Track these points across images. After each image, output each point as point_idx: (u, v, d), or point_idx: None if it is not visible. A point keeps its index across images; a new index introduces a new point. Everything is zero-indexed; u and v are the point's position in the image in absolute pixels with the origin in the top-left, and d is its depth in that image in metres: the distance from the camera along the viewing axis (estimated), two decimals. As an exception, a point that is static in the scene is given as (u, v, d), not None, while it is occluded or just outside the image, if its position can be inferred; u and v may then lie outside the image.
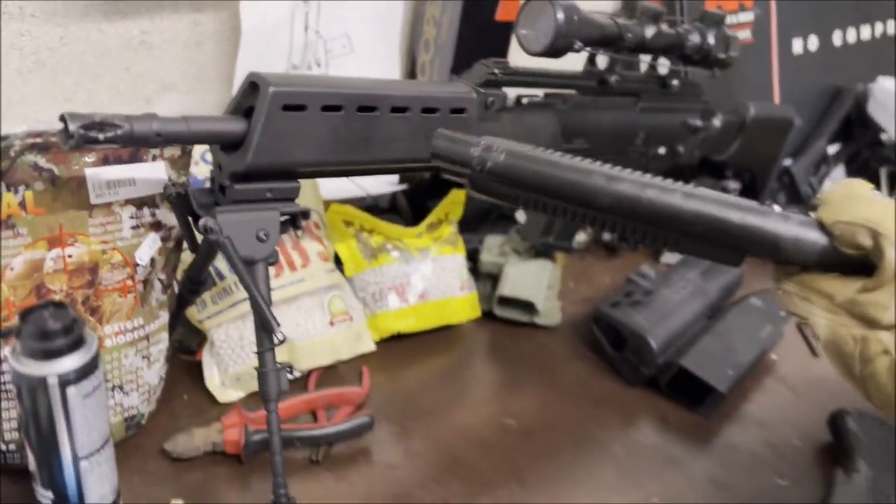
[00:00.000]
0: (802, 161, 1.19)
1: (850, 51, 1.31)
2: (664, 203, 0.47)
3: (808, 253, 0.45)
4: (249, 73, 0.54)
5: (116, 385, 0.61)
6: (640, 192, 0.47)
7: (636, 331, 0.76)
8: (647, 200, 0.47)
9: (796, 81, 1.23)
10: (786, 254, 0.45)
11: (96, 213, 0.57)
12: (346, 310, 0.75)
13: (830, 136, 1.24)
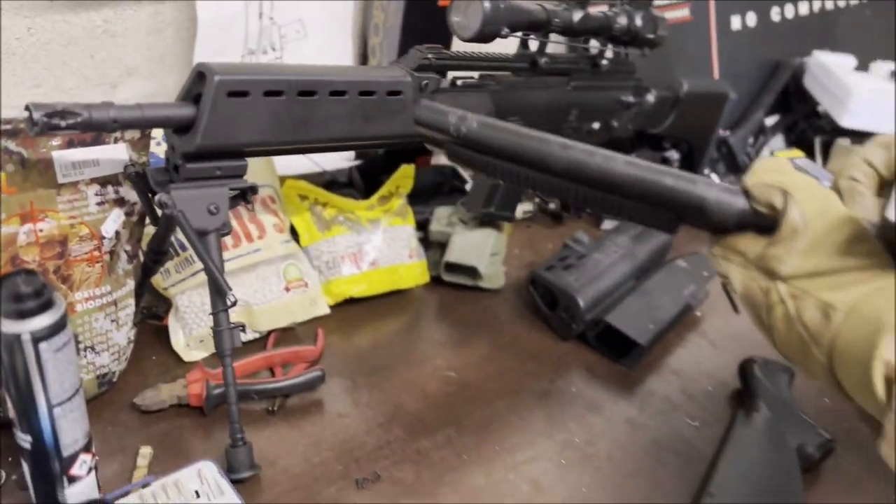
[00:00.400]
0: (740, 132, 1.26)
1: (788, 26, 1.37)
2: (609, 169, 0.53)
3: (729, 214, 0.49)
4: (197, 64, 0.60)
5: (88, 346, 0.68)
6: (588, 159, 0.54)
7: (566, 291, 0.84)
8: (594, 166, 0.53)
9: (735, 56, 1.30)
10: (710, 216, 0.50)
11: (64, 191, 0.63)
12: (300, 277, 0.82)
13: (767, 108, 1.31)
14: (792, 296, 0.46)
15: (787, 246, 0.46)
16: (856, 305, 0.42)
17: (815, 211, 0.46)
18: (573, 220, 1.11)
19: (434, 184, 1.03)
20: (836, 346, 0.43)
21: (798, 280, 0.46)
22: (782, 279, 0.46)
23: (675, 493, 0.67)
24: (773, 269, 0.47)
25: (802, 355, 0.46)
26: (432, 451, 0.69)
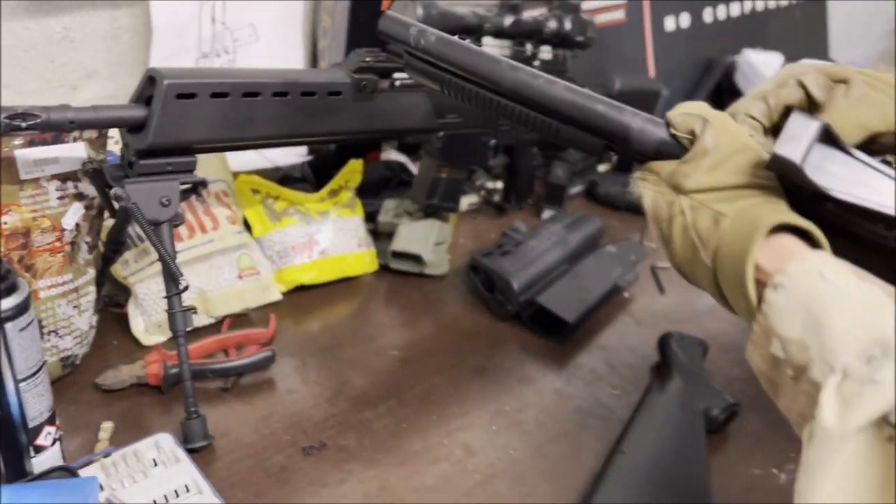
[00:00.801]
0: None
1: (721, 26, 1.46)
2: (549, 91, 0.57)
3: (650, 141, 0.54)
4: (148, 69, 0.66)
5: (52, 330, 0.73)
6: (532, 80, 0.58)
7: (502, 275, 0.91)
8: (536, 87, 0.58)
9: (669, 55, 1.38)
10: (633, 142, 0.54)
11: (26, 186, 0.68)
12: (252, 265, 0.87)
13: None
14: (692, 207, 0.50)
15: (695, 164, 0.50)
16: (741, 212, 0.48)
17: (725, 137, 0.51)
18: (516, 212, 1.17)
19: (383, 178, 1.10)
20: (720, 249, 0.48)
21: (699, 194, 0.50)
22: (686, 193, 0.50)
23: (594, 452, 0.74)
24: (680, 184, 0.51)
25: (692, 264, 0.51)
26: (374, 421, 0.76)
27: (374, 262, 0.98)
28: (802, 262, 0.45)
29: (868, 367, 0.39)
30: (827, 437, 0.39)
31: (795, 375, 0.43)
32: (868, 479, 0.39)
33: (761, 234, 0.46)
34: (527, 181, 1.13)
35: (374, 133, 0.84)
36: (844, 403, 0.39)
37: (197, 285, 0.83)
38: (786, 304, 0.44)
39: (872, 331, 0.40)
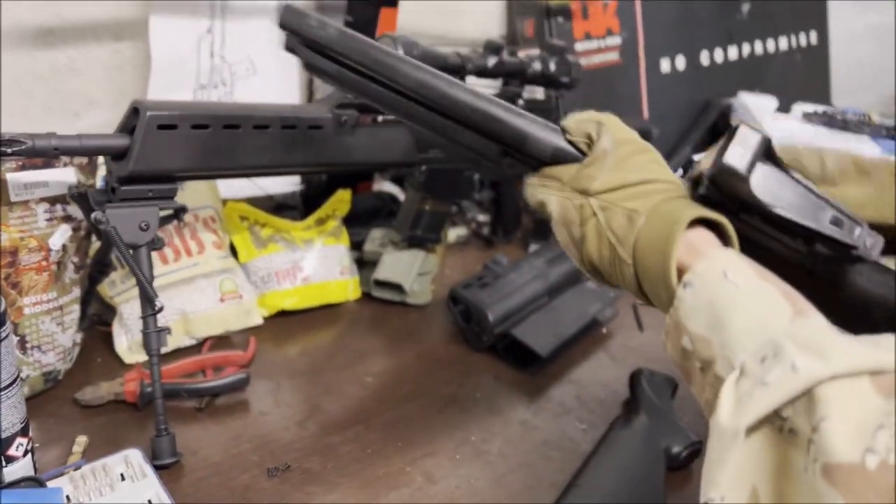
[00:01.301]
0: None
1: (718, 69, 1.48)
2: (449, 92, 0.57)
3: (547, 147, 0.56)
4: (133, 101, 0.69)
5: (35, 345, 0.76)
6: (433, 80, 0.57)
7: (478, 306, 0.93)
8: (437, 87, 0.58)
9: (664, 97, 1.40)
10: (530, 147, 0.56)
11: (15, 208, 0.72)
12: (235, 289, 0.90)
13: (695, 144, 1.41)
14: (602, 208, 0.52)
15: (598, 165, 0.53)
16: (654, 208, 0.50)
17: (621, 137, 0.54)
18: (504, 245, 1.20)
19: (373, 208, 1.13)
20: (639, 244, 0.50)
21: (607, 194, 0.52)
22: (594, 195, 0.53)
23: (555, 485, 0.75)
24: (586, 188, 0.53)
25: (611, 263, 0.53)
26: (340, 445, 0.77)
27: (356, 290, 1.01)
28: (709, 261, 0.47)
29: (761, 367, 0.41)
30: (722, 433, 0.42)
31: (703, 368, 0.46)
32: (762, 470, 0.42)
33: (680, 229, 0.48)
34: (513, 215, 1.15)
35: (355, 166, 0.87)
36: (738, 402, 0.41)
37: (179, 307, 0.86)
38: (693, 302, 0.47)
39: (767, 331, 0.43)
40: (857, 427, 0.38)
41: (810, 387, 0.39)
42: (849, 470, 0.37)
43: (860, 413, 0.38)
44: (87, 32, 0.96)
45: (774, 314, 0.44)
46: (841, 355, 0.40)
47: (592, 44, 1.29)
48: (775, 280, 0.46)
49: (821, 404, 0.39)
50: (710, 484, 0.43)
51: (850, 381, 0.39)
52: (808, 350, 0.40)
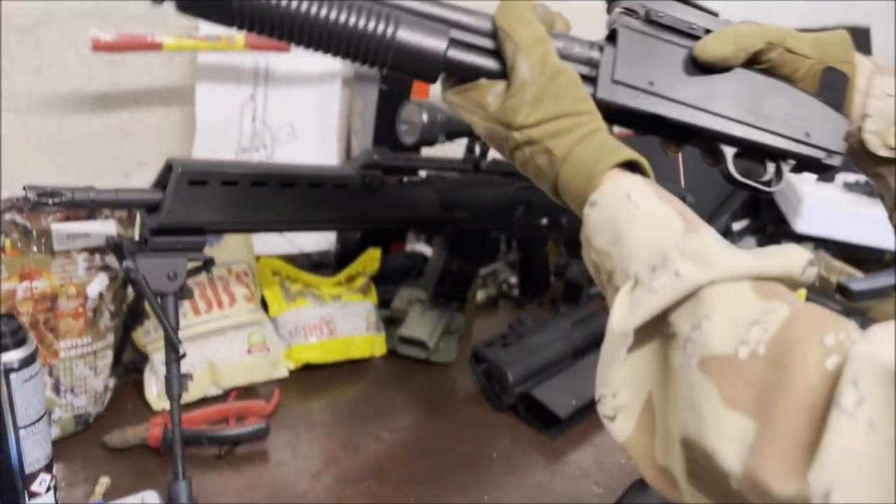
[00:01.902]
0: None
1: (757, 137, 1.48)
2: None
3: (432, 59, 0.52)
4: (168, 158, 0.74)
5: (68, 388, 0.80)
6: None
7: (499, 365, 0.93)
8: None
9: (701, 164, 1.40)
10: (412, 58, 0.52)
11: (58, 256, 0.77)
12: (263, 341, 0.93)
13: (734, 212, 1.40)
14: (526, 142, 0.53)
15: (518, 98, 0.53)
16: (568, 154, 0.52)
17: (537, 63, 0.53)
18: (533, 306, 1.20)
19: (403, 267, 1.15)
20: (560, 185, 0.53)
21: (528, 129, 0.53)
22: (516, 128, 0.53)
23: (565, 549, 0.74)
24: (510, 122, 0.53)
25: (537, 181, 0.56)
26: (352, 498, 0.78)
27: (382, 347, 1.02)
28: (614, 182, 0.50)
29: (652, 275, 0.45)
30: (613, 334, 0.45)
31: (608, 279, 0.50)
32: (654, 376, 0.46)
33: (597, 180, 0.51)
34: (542, 277, 1.16)
35: (379, 223, 0.90)
36: (630, 307, 0.45)
37: (208, 356, 0.89)
38: (597, 220, 0.50)
39: (659, 245, 0.46)
40: (734, 323, 0.41)
41: (691, 291, 0.43)
42: (723, 360, 0.40)
43: (739, 312, 0.41)
44: (139, 98, 1.03)
45: (667, 230, 0.47)
46: (723, 263, 0.43)
47: (626, 112, 1.31)
48: (674, 201, 0.49)
49: (704, 305, 0.42)
50: (602, 382, 0.47)
51: (732, 285, 0.43)
52: (692, 259, 0.44)
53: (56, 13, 0.95)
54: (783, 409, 0.37)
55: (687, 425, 0.42)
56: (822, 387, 0.36)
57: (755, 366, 0.39)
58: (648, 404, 0.46)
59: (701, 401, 0.41)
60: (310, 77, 1.10)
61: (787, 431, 0.36)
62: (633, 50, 0.59)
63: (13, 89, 0.96)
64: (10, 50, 0.94)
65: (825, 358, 0.37)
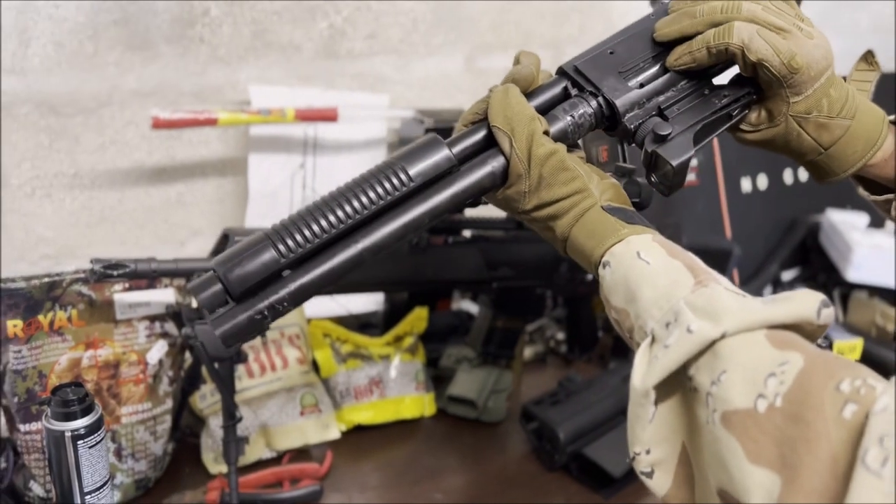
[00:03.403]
0: (754, 284, 1.33)
1: (803, 187, 1.46)
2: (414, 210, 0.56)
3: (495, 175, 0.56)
4: (224, 228, 0.78)
5: (129, 453, 0.82)
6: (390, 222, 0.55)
7: (549, 424, 0.93)
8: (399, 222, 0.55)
9: (747, 216, 1.39)
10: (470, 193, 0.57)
11: (120, 325, 0.80)
12: (315, 403, 0.95)
13: (782, 261, 1.39)
14: (531, 222, 0.58)
15: (516, 189, 0.56)
16: (568, 234, 0.55)
17: (525, 156, 0.55)
18: (582, 362, 1.20)
19: (450, 326, 1.16)
20: (570, 253, 0.56)
21: (529, 213, 0.57)
22: (521, 213, 0.58)
23: None
24: (513, 208, 0.58)
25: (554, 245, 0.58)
26: (407, 561, 0.78)
27: (432, 406, 1.03)
28: (625, 244, 0.52)
29: (666, 332, 0.46)
30: (635, 393, 0.46)
31: (629, 336, 0.51)
32: (686, 429, 0.46)
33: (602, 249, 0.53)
34: (590, 332, 1.16)
35: (427, 283, 0.92)
36: (648, 365, 0.46)
37: (262, 420, 0.91)
38: (612, 279, 0.52)
39: (671, 300, 0.47)
40: (751, 376, 0.42)
41: (705, 345, 0.44)
42: (743, 415, 0.41)
43: (755, 363, 0.42)
44: (195, 170, 1.08)
45: (678, 285, 0.48)
46: (734, 315, 0.44)
47: (667, 166, 1.32)
48: (684, 255, 0.51)
49: (720, 359, 0.43)
50: (633, 441, 0.48)
51: (747, 336, 0.44)
52: (703, 314, 0.45)
53: (117, 95, 1.01)
54: (806, 463, 0.37)
55: (719, 478, 0.42)
56: (842, 439, 0.37)
57: (774, 419, 0.40)
58: (683, 456, 0.47)
59: (727, 455, 0.41)
60: (356, 144, 1.14)
61: (811, 487, 0.37)
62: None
63: (79, 167, 1.01)
64: (77, 130, 1.00)
65: (842, 407, 0.38)
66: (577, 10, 1.33)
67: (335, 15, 1.13)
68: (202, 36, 1.04)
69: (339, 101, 1.08)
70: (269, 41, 1.09)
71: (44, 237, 1.02)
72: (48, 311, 0.77)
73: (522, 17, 1.30)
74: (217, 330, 0.55)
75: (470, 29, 1.25)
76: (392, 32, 1.18)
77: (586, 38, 1.37)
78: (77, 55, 0.98)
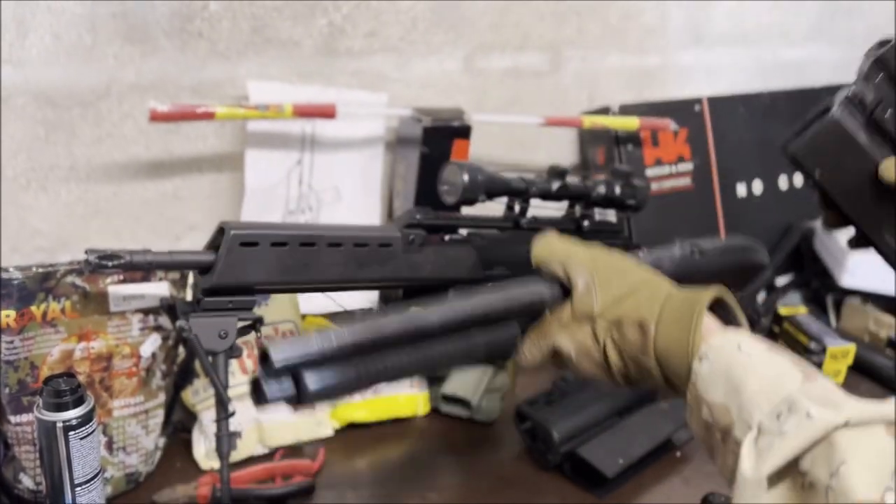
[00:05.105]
0: (749, 289, 1.34)
1: (799, 193, 1.47)
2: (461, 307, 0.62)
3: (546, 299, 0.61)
4: (220, 222, 0.77)
5: (121, 447, 0.82)
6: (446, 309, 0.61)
7: (543, 423, 0.92)
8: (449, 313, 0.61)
9: (742, 220, 1.40)
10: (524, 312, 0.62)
11: (114, 318, 0.80)
12: (309, 400, 0.94)
13: (776, 267, 1.39)
14: (613, 325, 0.57)
15: (586, 291, 0.58)
16: (659, 316, 0.54)
17: (586, 257, 0.60)
18: (576, 365, 1.20)
19: (445, 327, 1.16)
20: (658, 350, 0.54)
21: (610, 309, 0.57)
22: (599, 316, 0.57)
23: None
24: (588, 314, 0.58)
25: (638, 372, 0.57)
26: (399, 559, 0.78)
27: (426, 405, 1.03)
28: (723, 336, 0.52)
29: (777, 422, 0.45)
30: (746, 484, 0.44)
31: (723, 437, 0.49)
32: None
33: (701, 315, 0.52)
34: (584, 335, 1.16)
35: (422, 281, 0.91)
36: (759, 454, 0.45)
37: (255, 416, 0.91)
38: (709, 373, 0.51)
39: (780, 392, 0.46)
40: (876, 469, 0.40)
41: (827, 433, 0.42)
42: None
43: (878, 456, 0.41)
44: (192, 165, 1.08)
45: (786, 378, 0.48)
46: (853, 406, 0.43)
47: (664, 169, 1.33)
48: (785, 352, 0.51)
49: (839, 451, 0.42)
50: None
51: (865, 429, 0.43)
52: (821, 402, 0.44)
53: (115, 88, 1.01)
54: None
55: None
56: None
57: None
58: None
59: None
60: (354, 142, 1.14)
61: None
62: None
63: (75, 159, 1.01)
64: (74, 123, 1.00)
65: None
66: (576, 11, 1.34)
67: (335, 12, 1.12)
68: (201, 31, 1.04)
69: (338, 99, 1.07)
70: (268, 37, 1.08)
71: (38, 229, 1.01)
72: (41, 302, 0.76)
73: (522, 18, 1.30)
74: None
75: (469, 29, 1.25)
76: (392, 31, 1.18)
77: (585, 40, 1.37)
78: (75, 47, 0.97)
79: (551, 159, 1.38)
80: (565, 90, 1.39)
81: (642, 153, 1.31)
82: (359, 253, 0.84)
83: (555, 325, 0.61)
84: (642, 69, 1.47)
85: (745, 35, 1.60)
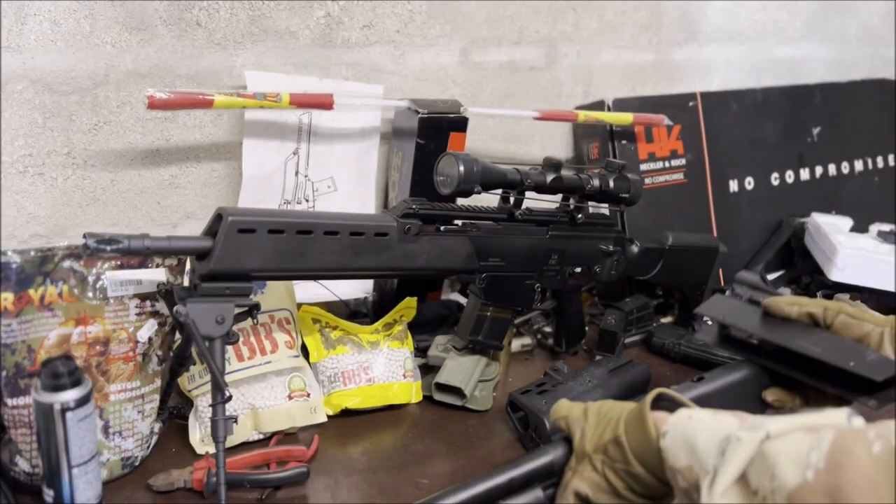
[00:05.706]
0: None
1: (789, 189, 1.49)
2: None
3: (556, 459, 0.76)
4: (218, 207, 0.78)
5: (117, 431, 0.83)
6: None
7: (534, 412, 0.94)
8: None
9: (734, 216, 1.42)
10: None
11: (111, 303, 0.81)
12: (303, 388, 0.95)
13: (767, 263, 1.41)
14: (602, 452, 0.70)
15: (583, 439, 0.73)
16: (625, 428, 0.68)
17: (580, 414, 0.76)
18: (569, 355, 1.21)
19: (439, 316, 1.17)
20: (636, 453, 0.67)
21: (597, 444, 0.71)
22: (593, 452, 0.71)
23: None
24: (586, 453, 0.72)
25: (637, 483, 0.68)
26: (391, 543, 0.79)
27: (419, 394, 1.04)
28: (677, 414, 0.65)
29: (722, 458, 0.56)
30: None
31: (697, 490, 0.58)
32: None
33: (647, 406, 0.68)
34: (577, 325, 1.17)
35: (417, 271, 0.92)
36: (710, 486, 0.56)
37: (250, 402, 0.92)
38: (672, 444, 0.63)
39: (722, 436, 0.58)
40: (796, 458, 0.51)
41: (756, 447, 0.54)
42: (800, 488, 0.50)
43: (797, 449, 0.52)
44: (189, 153, 1.08)
45: (726, 425, 0.59)
46: (775, 422, 0.55)
47: (657, 164, 1.34)
48: (729, 412, 0.62)
49: (770, 458, 0.53)
50: None
51: (788, 436, 0.54)
52: (749, 429, 0.56)
53: (113, 75, 1.01)
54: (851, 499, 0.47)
55: None
56: (876, 470, 0.47)
57: (821, 479, 0.49)
58: None
59: None
60: (350, 133, 1.15)
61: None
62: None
63: (73, 146, 1.01)
64: (71, 109, 1.00)
65: (870, 447, 0.48)
66: (572, 7, 1.35)
67: (332, 4, 1.13)
68: (199, 19, 1.05)
69: (335, 90, 1.08)
70: (265, 27, 1.09)
71: (35, 216, 1.02)
72: (39, 285, 0.77)
73: (518, 12, 1.31)
74: None
75: (466, 22, 1.26)
76: (388, 23, 1.19)
77: (580, 36, 1.38)
78: (74, 33, 0.98)
79: (545, 153, 1.39)
80: (560, 85, 1.40)
81: (636, 148, 1.32)
82: (355, 242, 0.85)
83: (569, 475, 0.73)
84: (637, 65, 1.48)
85: (739, 32, 1.62)
